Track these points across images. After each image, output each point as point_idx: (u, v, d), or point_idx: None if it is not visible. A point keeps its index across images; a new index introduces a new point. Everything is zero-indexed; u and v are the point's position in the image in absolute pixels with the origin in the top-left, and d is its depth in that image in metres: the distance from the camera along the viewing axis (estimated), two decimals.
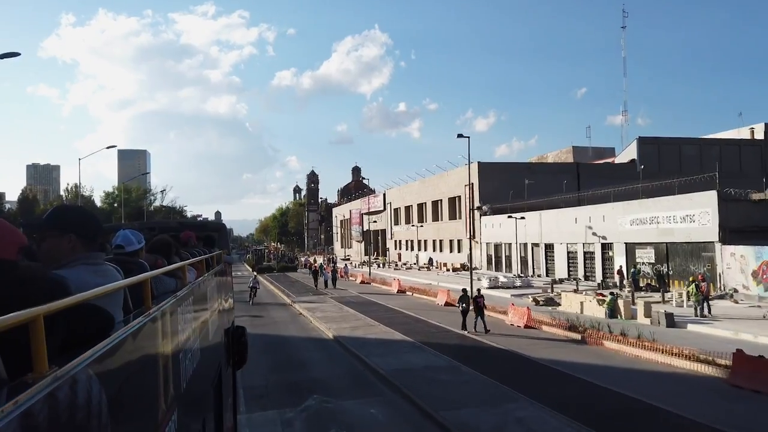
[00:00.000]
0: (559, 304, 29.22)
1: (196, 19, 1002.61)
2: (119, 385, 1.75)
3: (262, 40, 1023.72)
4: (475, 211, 56.18)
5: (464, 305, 21.25)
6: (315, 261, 65.91)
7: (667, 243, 32.73)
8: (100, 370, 1.51)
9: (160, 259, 3.69)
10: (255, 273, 30.61)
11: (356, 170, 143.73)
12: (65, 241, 2.18)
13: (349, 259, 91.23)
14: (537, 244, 46.21)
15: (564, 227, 42.17)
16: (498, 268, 51.99)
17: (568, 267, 42.14)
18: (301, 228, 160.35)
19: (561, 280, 40.00)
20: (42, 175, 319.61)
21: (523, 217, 42.77)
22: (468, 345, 18.80)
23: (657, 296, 30.27)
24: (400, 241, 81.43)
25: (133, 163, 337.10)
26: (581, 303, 27.07)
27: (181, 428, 2.60)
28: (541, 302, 30.24)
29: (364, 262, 74.53)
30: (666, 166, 58.04)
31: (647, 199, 34.66)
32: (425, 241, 69.41)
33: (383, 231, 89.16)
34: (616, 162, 63.68)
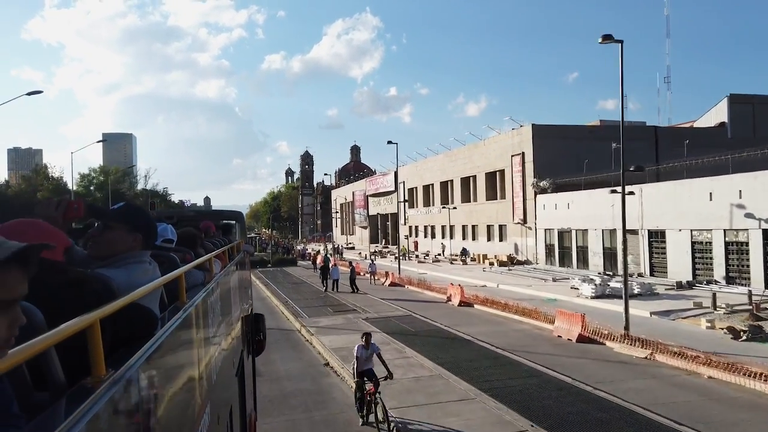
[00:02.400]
0: None
1: (184, 0, 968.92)
2: (163, 382, 1.72)
3: (251, 22, 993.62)
4: (528, 188, 42.97)
5: None
6: (319, 252, 52.26)
7: None
8: (147, 369, 1.48)
9: (189, 253, 3.53)
10: (365, 335, 10.81)
11: (355, 149, 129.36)
12: (131, 239, 2.21)
13: (353, 248, 77.98)
14: (633, 231, 33.02)
15: (686, 206, 28.97)
16: (565, 263, 38.84)
17: (693, 264, 29.00)
18: (295, 213, 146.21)
19: (690, 284, 27.00)
20: (24, 159, 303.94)
21: (632, 192, 29.39)
22: None
23: None
24: (416, 227, 68.00)
25: (119, 147, 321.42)
26: None
27: (213, 418, 2.56)
28: (743, 334, 17.06)
29: (376, 252, 61.19)
30: (762, 130, 45.19)
31: None
32: (452, 227, 56.11)
33: (394, 215, 75.72)
34: (695, 126, 50.58)
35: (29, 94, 31.62)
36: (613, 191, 28.61)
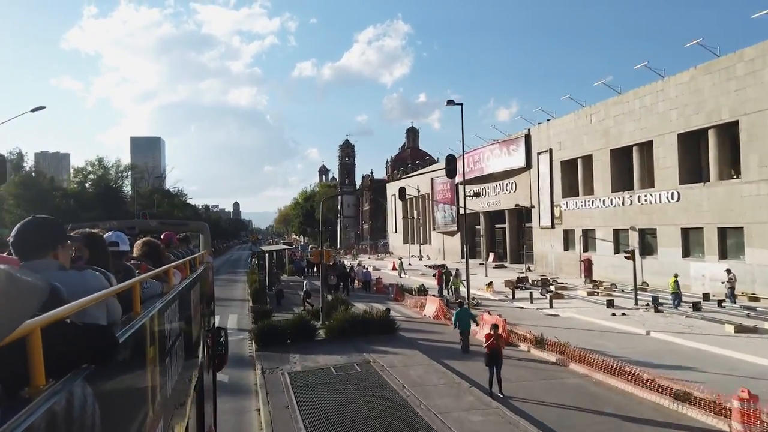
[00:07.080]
0: None
1: (218, 9, 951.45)
2: (111, 395, 1.59)
3: (283, 29, 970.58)
4: None
5: None
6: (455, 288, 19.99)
7: None
8: (93, 382, 1.37)
9: (146, 263, 3.41)
10: None
11: (412, 132, 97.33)
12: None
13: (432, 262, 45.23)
14: None
15: None
16: None
17: None
18: (332, 216, 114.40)
19: None
20: (51, 163, 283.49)
21: None
22: None
23: None
24: (583, 231, 35.33)
25: (147, 150, 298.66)
26: None
27: None
28: None
29: (522, 281, 28.81)
30: None
31: None
32: (727, 231, 23.67)
33: (515, 212, 43.40)
34: None
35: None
36: None
